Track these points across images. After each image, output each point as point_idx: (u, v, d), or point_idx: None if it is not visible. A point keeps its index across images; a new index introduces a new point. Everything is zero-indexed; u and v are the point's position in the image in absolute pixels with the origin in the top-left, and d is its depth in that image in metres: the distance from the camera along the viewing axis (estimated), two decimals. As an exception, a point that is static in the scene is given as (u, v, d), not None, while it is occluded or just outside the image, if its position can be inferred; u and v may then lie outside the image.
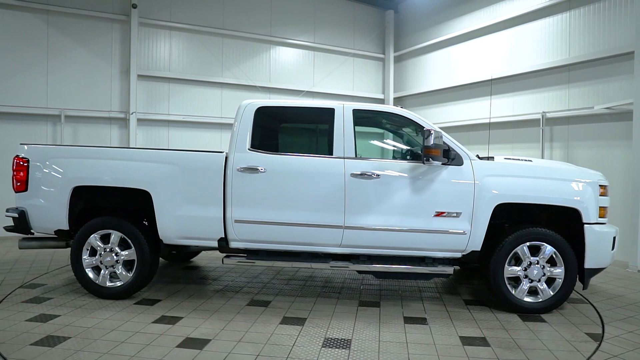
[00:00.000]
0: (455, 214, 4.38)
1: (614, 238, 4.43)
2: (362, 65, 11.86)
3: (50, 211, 4.65)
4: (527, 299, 4.42)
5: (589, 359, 3.42)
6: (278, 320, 4.15)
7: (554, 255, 4.38)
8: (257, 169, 4.46)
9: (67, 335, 3.69)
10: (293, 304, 4.62)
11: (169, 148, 4.50)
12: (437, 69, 10.59)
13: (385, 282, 5.58)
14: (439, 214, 4.39)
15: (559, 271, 4.38)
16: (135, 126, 8.92)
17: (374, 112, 4.83)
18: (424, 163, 4.27)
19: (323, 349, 3.53)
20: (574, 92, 7.50)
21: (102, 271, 4.64)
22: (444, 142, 4.38)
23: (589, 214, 4.35)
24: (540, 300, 4.41)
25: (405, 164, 4.48)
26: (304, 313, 4.37)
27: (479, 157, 4.61)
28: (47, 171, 4.65)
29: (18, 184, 4.71)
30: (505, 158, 4.83)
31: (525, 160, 4.75)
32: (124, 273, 4.61)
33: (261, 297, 4.88)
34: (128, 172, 4.55)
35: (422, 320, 4.23)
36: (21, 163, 4.71)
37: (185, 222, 4.53)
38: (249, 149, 4.56)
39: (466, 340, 3.75)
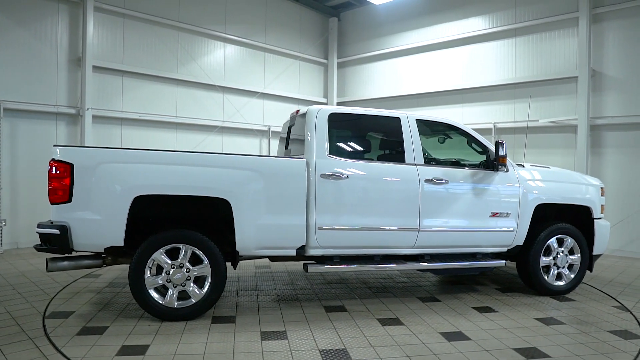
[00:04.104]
0: (506, 214, 5.02)
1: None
2: (307, 69, 12.06)
3: (104, 225, 4.00)
4: (556, 283, 5.28)
5: (640, 325, 4.33)
6: (376, 323, 4.27)
7: (573, 246, 5.31)
8: (340, 175, 4.49)
9: (192, 363, 3.31)
10: (369, 306, 4.76)
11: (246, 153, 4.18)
12: (384, 78, 11.36)
13: (416, 279, 6.00)
14: (494, 215, 4.98)
15: (575, 257, 5.33)
16: (91, 124, 7.80)
17: (431, 122, 5.20)
18: (497, 170, 4.83)
19: (449, 343, 3.80)
20: (519, 107, 8.89)
21: (169, 290, 4.16)
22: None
23: (597, 211, 5.40)
24: (565, 283, 5.31)
25: (466, 170, 4.96)
26: (388, 313, 4.55)
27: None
28: (99, 178, 3.99)
29: (58, 193, 3.95)
30: (531, 165, 5.63)
31: (545, 167, 5.63)
32: (196, 291, 4.20)
33: (328, 302, 4.89)
34: (205, 180, 4.16)
35: (489, 309, 4.76)
36: (55, 170, 3.96)
37: (266, 232, 4.33)
38: (328, 156, 4.55)
39: (543, 321, 4.38)
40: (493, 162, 4.90)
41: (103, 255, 4.34)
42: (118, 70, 8.39)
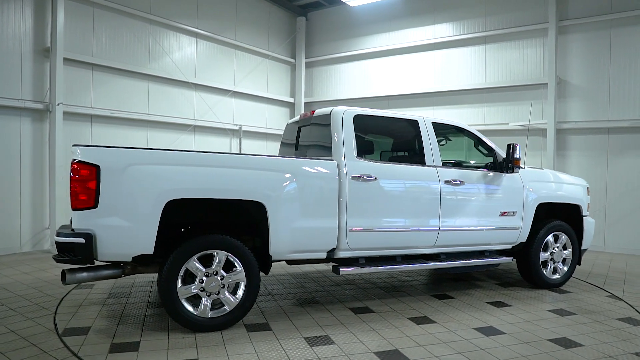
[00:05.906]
0: (512, 213, 5.32)
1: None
2: (275, 68, 11.90)
3: (134, 233, 3.70)
4: (553, 277, 5.68)
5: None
6: (410, 322, 4.33)
7: (566, 242, 5.74)
8: (369, 177, 4.50)
9: (255, 375, 3.16)
10: (392, 306, 4.81)
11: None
12: (353, 79, 11.50)
13: (417, 277, 6.16)
14: (503, 214, 5.25)
15: (568, 252, 5.77)
16: (62, 121, 7.12)
17: (444, 125, 5.34)
18: (512, 172, 5.10)
19: (488, 338, 3.96)
20: (489, 110, 9.42)
21: (202, 300, 3.93)
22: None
23: (585, 209, 5.87)
24: (560, 276, 5.72)
25: (479, 172, 5.18)
26: (415, 312, 4.64)
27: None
28: (128, 181, 3.67)
29: (82, 198, 3.59)
30: (528, 167, 5.97)
31: (539, 168, 6.02)
32: (230, 299, 4.01)
33: (350, 304, 4.89)
34: (241, 182, 3.98)
35: (503, 304, 5.01)
36: (74, 172, 3.60)
37: (299, 235, 4.23)
38: (356, 157, 4.54)
39: (557, 312, 4.70)
40: (507, 164, 5.15)
41: (121, 265, 4.02)
42: (88, 63, 7.74)
